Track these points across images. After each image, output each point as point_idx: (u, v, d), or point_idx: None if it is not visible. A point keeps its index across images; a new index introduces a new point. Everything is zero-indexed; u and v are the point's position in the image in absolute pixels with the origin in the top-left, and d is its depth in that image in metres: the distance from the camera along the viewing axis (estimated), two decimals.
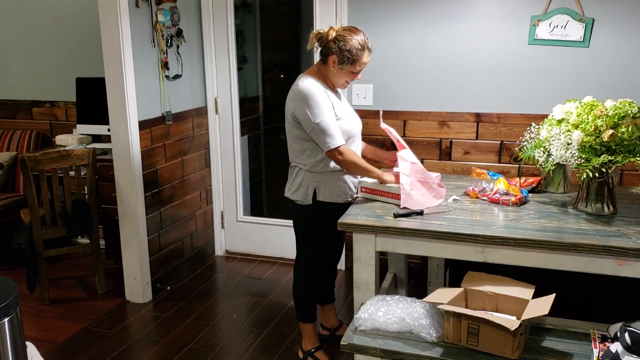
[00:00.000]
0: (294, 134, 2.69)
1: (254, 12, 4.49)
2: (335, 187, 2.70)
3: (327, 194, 2.70)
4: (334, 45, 2.57)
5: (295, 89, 2.63)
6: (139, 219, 3.57)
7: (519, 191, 2.60)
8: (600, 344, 2.10)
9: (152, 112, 3.64)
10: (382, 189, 2.63)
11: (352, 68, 2.61)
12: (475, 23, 3.42)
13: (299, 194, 2.73)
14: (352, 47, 2.56)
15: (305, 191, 2.71)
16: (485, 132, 3.54)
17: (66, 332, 3.32)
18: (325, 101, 2.58)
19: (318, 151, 2.65)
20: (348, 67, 2.60)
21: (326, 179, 2.69)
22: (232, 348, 3.16)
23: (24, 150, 4.49)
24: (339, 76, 2.64)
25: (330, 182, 2.69)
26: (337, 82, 2.68)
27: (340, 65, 2.60)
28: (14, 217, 4.19)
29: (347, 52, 2.56)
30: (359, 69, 2.64)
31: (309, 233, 2.81)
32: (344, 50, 2.56)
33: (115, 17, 3.28)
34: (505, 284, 2.26)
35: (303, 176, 2.71)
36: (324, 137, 2.55)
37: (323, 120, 2.55)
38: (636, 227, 2.25)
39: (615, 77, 3.23)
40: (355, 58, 2.58)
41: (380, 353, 2.14)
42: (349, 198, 2.74)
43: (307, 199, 2.71)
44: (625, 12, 3.15)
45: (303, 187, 2.72)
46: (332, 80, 2.68)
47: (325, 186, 2.69)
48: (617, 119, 2.24)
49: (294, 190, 2.76)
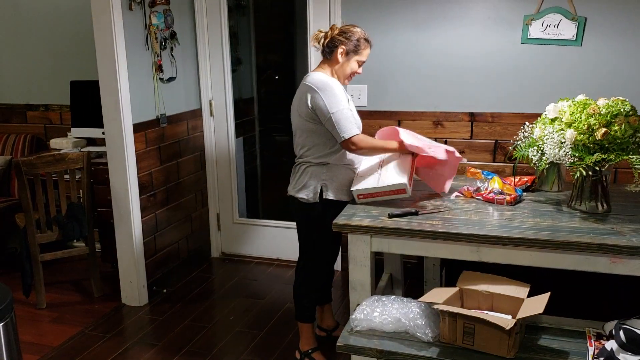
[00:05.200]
0: (307, 127, 2.70)
1: (247, 14, 4.49)
2: (345, 182, 2.71)
3: (333, 192, 2.70)
4: (341, 37, 2.70)
5: (310, 81, 2.67)
6: (135, 222, 3.57)
7: (514, 190, 2.61)
8: (595, 341, 2.10)
9: (147, 114, 3.63)
10: (380, 190, 2.56)
11: (358, 57, 2.73)
12: (468, 23, 3.43)
13: (305, 192, 2.73)
14: (358, 37, 2.71)
15: (312, 189, 2.71)
16: (479, 131, 3.54)
17: (62, 336, 3.31)
18: (341, 92, 2.66)
19: (330, 145, 2.69)
20: (354, 57, 2.71)
21: (336, 173, 2.70)
22: (229, 350, 3.16)
23: (19, 154, 4.47)
24: (347, 67, 2.73)
25: (339, 176, 2.71)
26: (344, 74, 2.75)
27: (347, 55, 2.70)
28: (9, 221, 4.17)
29: (355, 41, 2.70)
30: (362, 61, 2.75)
31: (313, 232, 2.81)
32: (351, 39, 2.69)
33: (108, 20, 3.27)
34: (500, 283, 2.27)
35: (311, 173, 2.72)
36: (340, 127, 2.59)
37: (339, 110, 2.60)
38: (630, 225, 2.26)
39: (608, 76, 3.24)
40: (360, 46, 2.71)
41: (377, 353, 2.14)
42: (351, 197, 2.72)
43: (313, 197, 2.71)
44: (618, 11, 3.16)
45: (310, 184, 2.72)
46: (339, 73, 2.75)
47: (332, 182, 2.69)
48: (610, 118, 2.24)
49: (299, 188, 2.75)
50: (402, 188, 2.50)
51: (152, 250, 3.76)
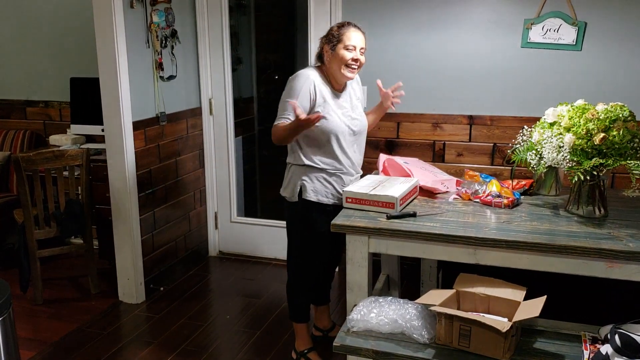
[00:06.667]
0: None
1: (248, 13, 4.50)
2: (320, 186, 2.71)
3: (313, 192, 2.71)
4: (321, 40, 2.73)
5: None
6: (133, 219, 3.57)
7: (511, 193, 2.61)
8: (590, 345, 2.11)
9: (146, 112, 3.64)
10: (369, 198, 2.53)
11: (343, 45, 2.63)
12: (468, 26, 3.43)
13: (287, 191, 2.78)
14: (333, 28, 2.69)
15: (292, 188, 2.74)
16: (478, 134, 3.55)
17: (59, 333, 3.31)
18: (302, 89, 2.61)
19: (306, 145, 2.69)
20: (339, 46, 2.63)
21: (311, 176, 2.71)
22: (225, 349, 3.16)
23: (18, 150, 4.48)
24: (335, 61, 2.65)
25: (314, 180, 2.71)
26: (336, 70, 2.67)
27: (331, 50, 2.65)
28: (7, 217, 4.17)
29: (331, 34, 2.67)
30: (349, 44, 2.62)
31: (296, 231, 2.84)
32: (328, 35, 2.69)
33: (109, 18, 3.28)
34: (497, 286, 2.28)
35: (292, 172, 2.76)
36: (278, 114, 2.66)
37: (283, 99, 2.65)
38: (627, 230, 2.27)
39: (607, 81, 3.25)
40: (340, 34, 2.64)
41: (373, 354, 2.15)
42: (337, 201, 2.73)
43: (294, 196, 2.74)
44: (618, 16, 3.17)
45: (292, 184, 2.75)
46: (331, 70, 2.69)
47: (311, 184, 2.70)
48: (609, 123, 2.25)
49: (284, 186, 2.80)
50: (392, 202, 2.48)
51: (149, 248, 3.76)
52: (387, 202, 2.48)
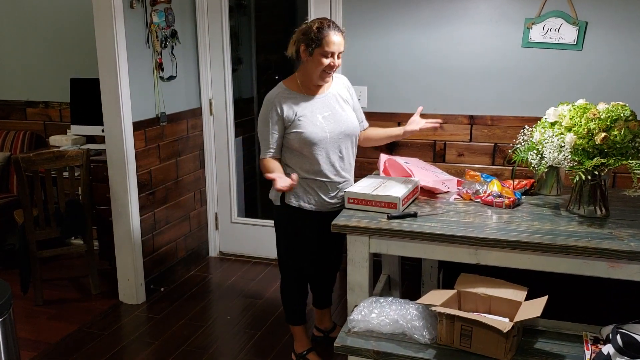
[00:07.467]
0: None
1: (248, 14, 4.49)
2: (302, 192, 2.69)
3: (293, 198, 2.70)
4: (299, 35, 2.59)
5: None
6: (133, 220, 3.57)
7: (512, 193, 2.61)
8: (592, 346, 2.11)
9: (147, 113, 3.63)
10: (372, 199, 2.52)
11: (321, 50, 2.52)
12: (469, 25, 3.43)
13: (272, 194, 2.78)
14: (312, 28, 2.54)
15: (276, 192, 2.70)
16: (478, 134, 3.55)
17: (59, 333, 3.31)
18: (271, 117, 2.62)
19: (287, 151, 2.69)
20: (317, 51, 2.53)
21: (298, 180, 2.67)
22: (225, 349, 3.16)
23: (18, 150, 4.47)
24: (312, 64, 2.57)
25: (301, 183, 2.67)
26: (313, 72, 2.59)
27: (308, 53, 2.56)
28: (8, 217, 4.17)
29: (310, 36, 2.53)
30: (329, 50, 2.52)
31: (281, 234, 2.84)
32: (306, 33, 2.55)
33: (109, 18, 3.27)
34: (498, 286, 2.27)
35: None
36: (261, 145, 2.71)
37: (259, 130, 2.69)
38: (628, 230, 2.26)
39: (608, 81, 3.25)
40: (319, 38, 2.51)
41: (374, 355, 2.14)
42: (320, 207, 2.71)
43: (277, 200, 2.74)
44: (619, 15, 3.17)
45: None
46: (309, 72, 2.61)
47: (294, 189, 2.65)
48: (610, 122, 2.25)
49: (271, 189, 2.77)
50: (394, 202, 2.48)
51: (150, 249, 3.76)
52: (390, 203, 2.48)
